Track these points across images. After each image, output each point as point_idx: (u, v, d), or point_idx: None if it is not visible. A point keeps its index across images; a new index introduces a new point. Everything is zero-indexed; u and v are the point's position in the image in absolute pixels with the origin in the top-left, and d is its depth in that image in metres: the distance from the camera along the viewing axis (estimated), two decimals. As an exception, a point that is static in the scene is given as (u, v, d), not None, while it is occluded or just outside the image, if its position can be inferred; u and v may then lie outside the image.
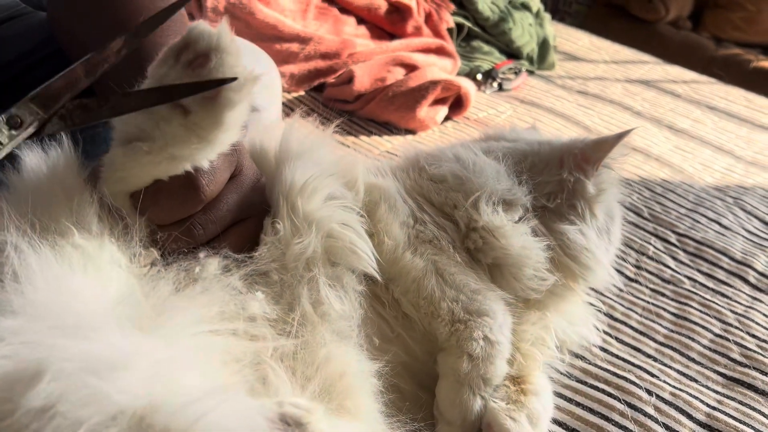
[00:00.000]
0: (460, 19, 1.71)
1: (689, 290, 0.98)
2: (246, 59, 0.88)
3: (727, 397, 0.78)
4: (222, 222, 0.52)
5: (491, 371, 0.59)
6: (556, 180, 0.71)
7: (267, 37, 1.39)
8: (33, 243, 0.41)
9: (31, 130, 0.41)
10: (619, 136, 0.71)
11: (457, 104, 1.40)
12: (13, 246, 0.41)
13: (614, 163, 0.73)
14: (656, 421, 0.72)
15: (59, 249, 0.43)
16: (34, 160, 0.48)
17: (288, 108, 1.31)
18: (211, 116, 0.45)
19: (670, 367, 0.82)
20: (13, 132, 0.40)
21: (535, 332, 0.67)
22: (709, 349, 0.86)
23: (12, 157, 0.46)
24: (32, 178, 0.48)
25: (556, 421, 0.69)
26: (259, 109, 0.89)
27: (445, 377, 0.59)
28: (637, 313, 0.91)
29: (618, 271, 0.93)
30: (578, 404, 0.72)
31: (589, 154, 0.71)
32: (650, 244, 1.09)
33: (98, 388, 0.33)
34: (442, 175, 0.69)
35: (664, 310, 0.93)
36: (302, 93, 1.40)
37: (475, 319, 0.60)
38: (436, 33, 1.60)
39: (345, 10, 1.59)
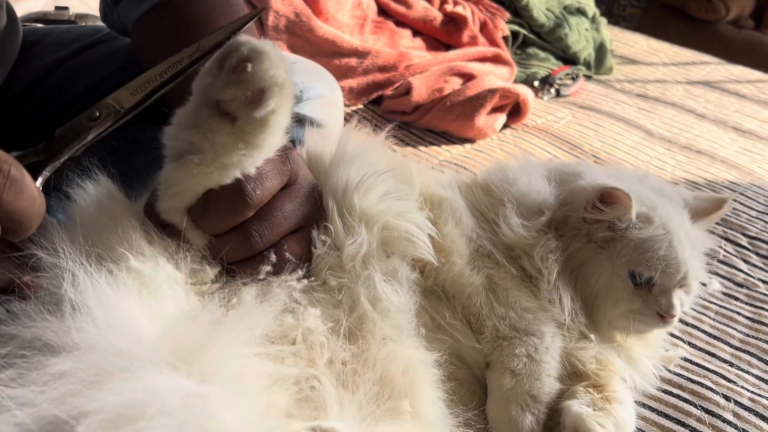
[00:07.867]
0: (516, 27, 1.71)
1: (764, 294, 0.95)
2: (310, 78, 0.91)
3: (810, 403, 0.76)
4: (277, 229, 0.53)
5: (537, 387, 0.58)
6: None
7: (326, 52, 1.43)
8: (88, 271, 0.43)
9: (109, 121, 0.47)
10: None
11: (515, 112, 1.40)
12: (70, 275, 0.43)
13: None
14: (735, 427, 0.70)
15: (114, 276, 0.45)
16: (80, 195, 0.52)
17: (347, 121, 1.34)
18: (256, 119, 0.47)
19: (747, 372, 0.80)
20: (92, 122, 0.45)
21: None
22: (789, 354, 0.84)
23: (62, 196, 0.51)
24: (81, 211, 0.51)
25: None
26: (323, 125, 0.92)
27: (492, 394, 0.60)
28: (709, 317, 0.89)
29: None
30: (653, 410, 0.71)
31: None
32: (720, 247, 1.06)
33: None
34: (486, 185, 0.69)
35: (739, 314, 0.91)
36: (360, 106, 1.42)
37: (521, 337, 0.60)
38: (492, 41, 1.61)
39: (401, 23, 1.61)
